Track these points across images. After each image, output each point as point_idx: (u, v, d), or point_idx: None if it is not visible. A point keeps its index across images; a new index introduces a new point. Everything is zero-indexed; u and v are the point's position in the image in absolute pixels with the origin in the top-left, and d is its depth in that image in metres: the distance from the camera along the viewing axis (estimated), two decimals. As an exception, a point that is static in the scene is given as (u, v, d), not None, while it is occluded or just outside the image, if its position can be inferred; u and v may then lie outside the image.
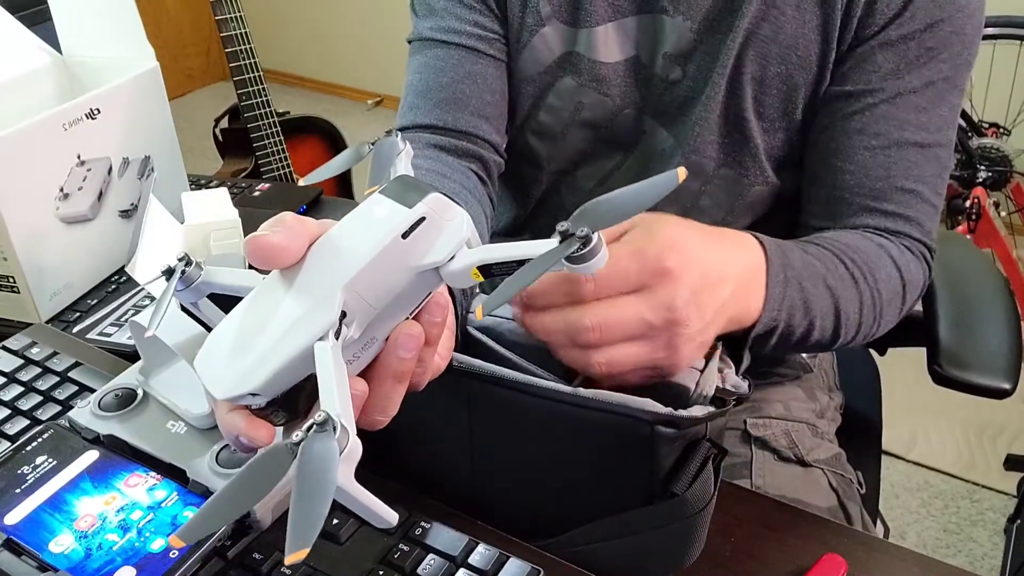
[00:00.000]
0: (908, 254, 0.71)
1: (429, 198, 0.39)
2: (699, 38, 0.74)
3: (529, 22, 0.77)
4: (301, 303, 0.38)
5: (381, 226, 0.38)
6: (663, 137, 0.78)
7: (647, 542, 0.51)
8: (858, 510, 0.78)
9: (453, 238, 0.39)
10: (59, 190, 0.83)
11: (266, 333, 0.38)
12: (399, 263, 0.39)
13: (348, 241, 0.39)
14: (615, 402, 0.49)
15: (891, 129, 0.71)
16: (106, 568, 0.45)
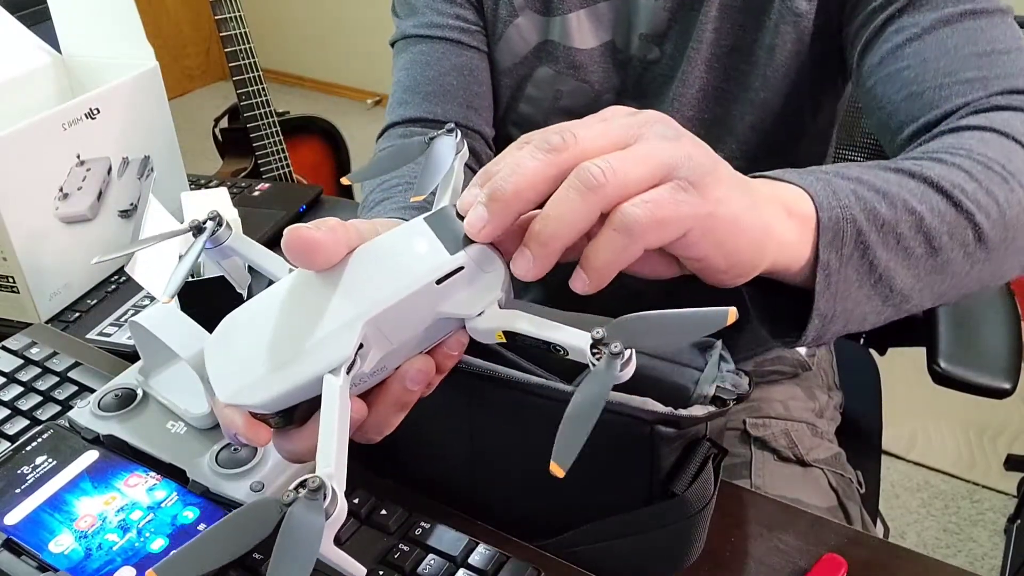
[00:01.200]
0: (1012, 112, 0.58)
1: (472, 250, 0.38)
2: (673, 16, 0.74)
3: (503, 14, 0.78)
4: (322, 325, 0.37)
5: (418, 266, 0.37)
6: None
7: (647, 542, 0.51)
8: (858, 510, 0.78)
9: (487, 295, 0.38)
10: (59, 190, 0.83)
11: (280, 347, 0.37)
12: (426, 306, 0.38)
13: (382, 269, 0.38)
14: (615, 401, 0.49)
15: (929, 13, 0.62)
16: (106, 568, 0.45)
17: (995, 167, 0.52)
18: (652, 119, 0.40)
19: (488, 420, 0.54)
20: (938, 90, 0.60)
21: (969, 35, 0.61)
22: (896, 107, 0.62)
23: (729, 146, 0.77)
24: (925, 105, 0.60)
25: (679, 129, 0.40)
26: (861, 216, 0.46)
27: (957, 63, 0.60)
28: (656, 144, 0.38)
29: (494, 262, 0.38)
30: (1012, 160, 0.53)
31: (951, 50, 0.61)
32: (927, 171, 0.50)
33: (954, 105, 0.59)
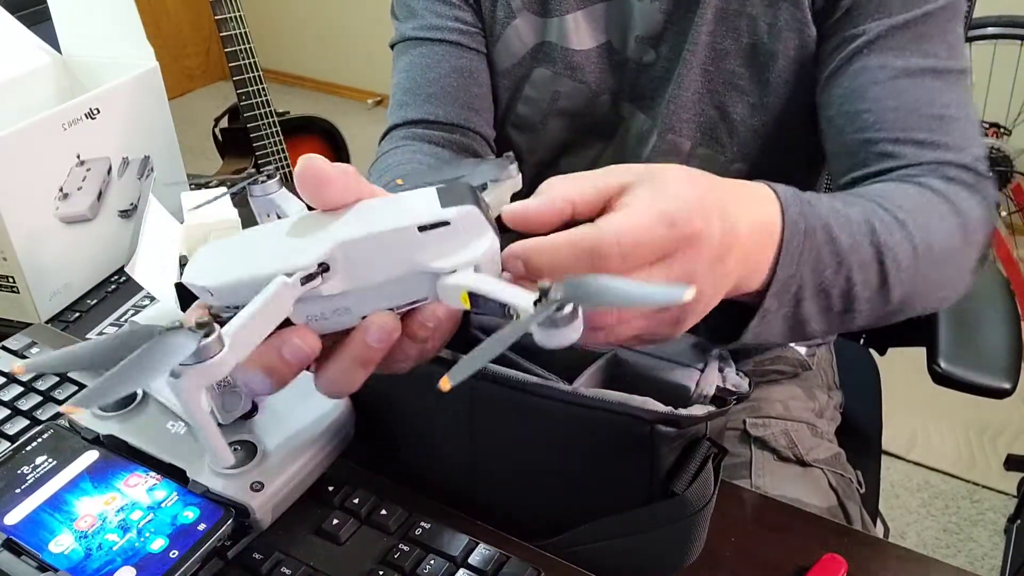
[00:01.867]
0: (954, 185, 0.63)
1: (464, 208, 0.38)
2: (668, 18, 0.74)
3: (500, 15, 0.78)
4: (298, 241, 0.38)
5: (407, 211, 0.39)
6: (640, 120, 0.79)
7: (647, 542, 0.51)
8: (858, 510, 0.78)
9: (465, 255, 0.39)
10: (59, 190, 0.83)
11: (254, 253, 0.39)
12: (403, 252, 0.38)
13: (374, 210, 0.39)
14: (615, 401, 0.49)
15: (893, 59, 0.67)
16: (106, 568, 0.45)
17: (933, 242, 0.58)
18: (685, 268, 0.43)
19: (488, 420, 0.54)
20: (893, 144, 0.65)
21: (927, 94, 0.66)
22: (853, 148, 0.68)
23: (730, 148, 0.77)
24: (880, 156, 0.65)
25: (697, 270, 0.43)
26: (808, 278, 0.51)
27: (913, 120, 0.65)
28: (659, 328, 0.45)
29: (483, 230, 0.39)
30: (942, 233, 0.59)
31: (910, 105, 0.65)
32: (885, 237, 0.55)
33: (906, 162, 0.64)
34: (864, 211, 0.55)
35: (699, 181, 0.45)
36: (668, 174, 0.44)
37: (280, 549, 0.49)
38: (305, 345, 0.39)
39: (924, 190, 0.61)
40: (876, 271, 0.54)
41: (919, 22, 0.67)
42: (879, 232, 0.55)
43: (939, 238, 0.58)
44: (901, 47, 0.67)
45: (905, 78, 0.66)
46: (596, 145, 0.82)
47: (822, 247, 0.51)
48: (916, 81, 0.66)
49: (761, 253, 0.49)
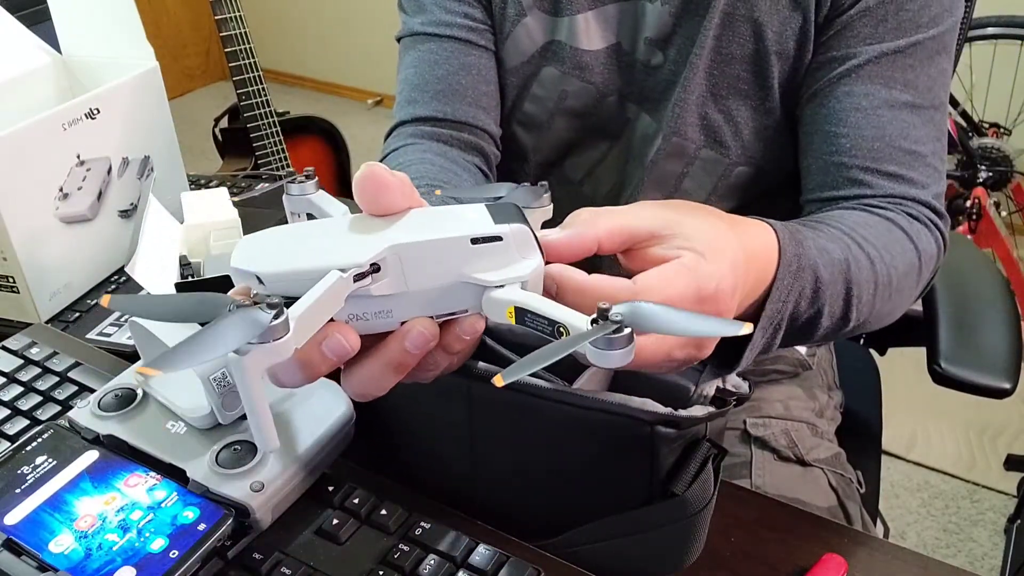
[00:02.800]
0: (916, 224, 0.68)
1: (516, 227, 0.40)
2: (677, 21, 0.74)
3: (511, 12, 0.78)
4: (351, 239, 0.40)
5: (461, 223, 0.40)
6: (646, 122, 0.79)
7: (647, 542, 0.51)
8: (858, 509, 0.78)
9: (513, 271, 0.40)
10: (59, 190, 0.83)
11: (307, 244, 0.40)
12: (453, 261, 0.40)
13: (429, 218, 0.41)
14: (615, 402, 0.49)
15: (879, 89, 0.69)
16: (106, 568, 0.45)
17: (893, 276, 0.62)
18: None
19: (488, 421, 0.54)
20: (865, 172, 0.69)
21: (903, 127, 0.69)
22: (827, 169, 0.71)
23: (734, 152, 0.77)
24: (851, 182, 0.69)
25: None
26: (789, 312, 0.54)
27: (887, 152, 0.68)
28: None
29: (532, 250, 0.40)
30: (902, 269, 0.64)
31: (886, 136, 0.68)
32: (856, 274, 0.59)
33: (873, 192, 0.68)
34: (842, 248, 0.59)
35: (724, 237, 0.47)
36: (696, 227, 0.46)
37: (280, 549, 0.49)
38: (346, 342, 0.39)
39: (892, 226, 0.65)
40: (842, 305, 0.59)
41: (908, 51, 0.69)
42: (852, 270, 0.58)
43: (898, 274, 0.63)
44: (887, 76, 0.69)
45: (886, 109, 0.69)
46: (601, 145, 0.82)
47: (807, 286, 0.55)
48: (895, 113, 0.69)
49: (757, 291, 0.52)
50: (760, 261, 0.52)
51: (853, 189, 0.69)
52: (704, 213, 0.48)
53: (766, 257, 0.52)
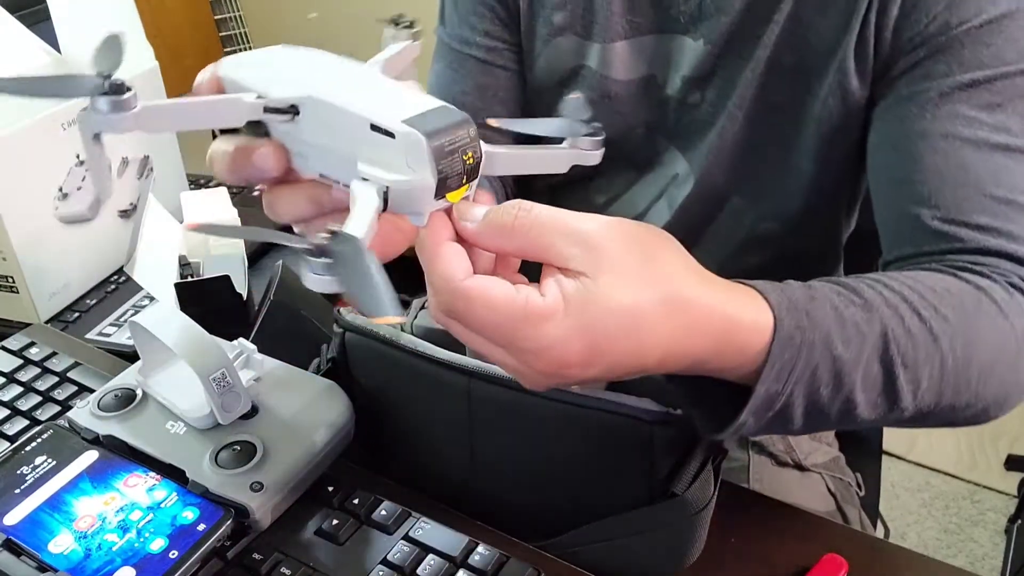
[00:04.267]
0: (1018, 295, 0.54)
1: (412, 134, 0.37)
2: (719, 62, 0.70)
3: (542, 32, 0.76)
4: (298, 76, 0.42)
5: (383, 105, 0.39)
6: (679, 161, 0.77)
7: (647, 542, 0.51)
8: (856, 514, 0.78)
9: (385, 174, 0.38)
10: (58, 190, 0.83)
11: (278, 68, 0.44)
12: (352, 136, 0.39)
13: (368, 87, 0.42)
14: (615, 402, 0.49)
15: (960, 128, 0.58)
16: (105, 568, 0.45)
17: (973, 357, 0.50)
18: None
19: (487, 421, 0.53)
20: (949, 224, 0.57)
21: (995, 172, 0.57)
22: (904, 223, 0.60)
23: (764, 205, 0.74)
24: (933, 235, 0.58)
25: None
26: (800, 396, 0.46)
27: (976, 201, 0.57)
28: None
29: (422, 166, 0.38)
30: (989, 347, 0.51)
31: (973, 182, 0.57)
32: (905, 353, 0.48)
33: (961, 247, 0.56)
34: (883, 320, 0.48)
35: (646, 296, 0.39)
36: (606, 295, 0.39)
37: (280, 549, 0.49)
38: (271, 157, 0.43)
39: (982, 296, 0.52)
40: (884, 390, 0.48)
41: (992, 87, 0.59)
42: (895, 347, 0.48)
43: (984, 353, 0.51)
44: (969, 114, 0.59)
45: (971, 150, 0.58)
46: (628, 174, 0.80)
47: (820, 364, 0.45)
48: (983, 156, 0.58)
49: (731, 362, 0.44)
50: (726, 341, 0.43)
51: (936, 244, 0.57)
52: (641, 273, 0.40)
53: (743, 338, 0.43)
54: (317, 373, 0.59)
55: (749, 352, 0.44)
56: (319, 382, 0.56)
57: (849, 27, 0.64)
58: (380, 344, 0.55)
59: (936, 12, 0.60)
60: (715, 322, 0.42)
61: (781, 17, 0.66)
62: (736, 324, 0.43)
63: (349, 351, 0.58)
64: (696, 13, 0.69)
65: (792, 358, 0.44)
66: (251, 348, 0.57)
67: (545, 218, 0.40)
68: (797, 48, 0.67)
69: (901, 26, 0.62)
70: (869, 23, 0.63)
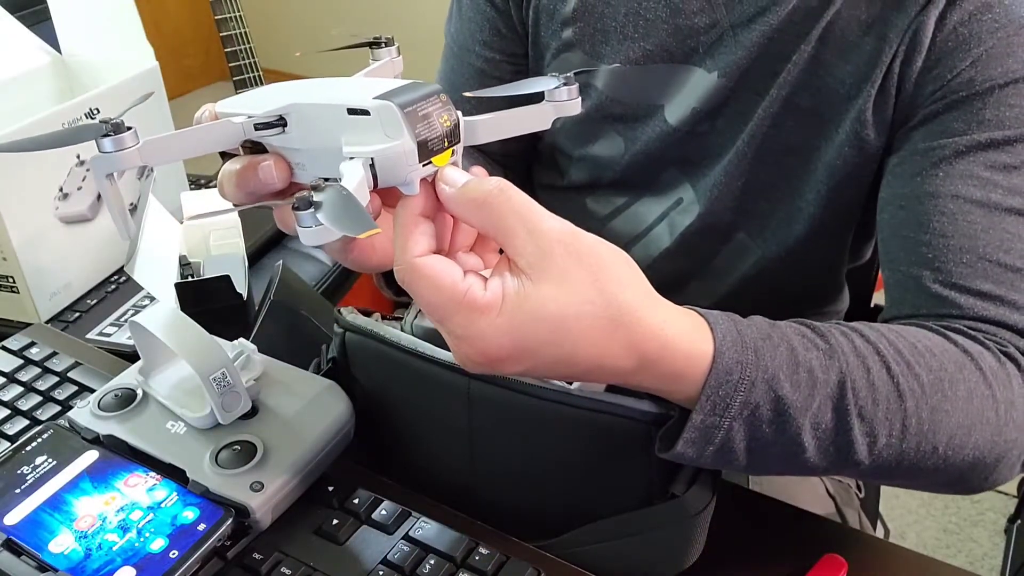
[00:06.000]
0: (1009, 366, 0.51)
1: (382, 104, 0.39)
2: (732, 95, 0.69)
3: (552, 44, 0.76)
4: (277, 95, 0.44)
5: (354, 92, 0.41)
6: (684, 187, 0.76)
7: (647, 543, 0.51)
8: (856, 516, 0.78)
9: (366, 147, 0.40)
10: (59, 190, 0.83)
11: (270, 92, 0.46)
12: (335, 128, 0.41)
13: (346, 87, 0.44)
14: (614, 402, 0.49)
15: (973, 190, 0.57)
16: (106, 568, 0.45)
17: (942, 421, 0.48)
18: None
19: (487, 421, 0.54)
20: (948, 288, 0.56)
21: (1003, 238, 0.56)
22: (904, 282, 0.59)
23: (770, 244, 0.73)
24: (933, 299, 0.56)
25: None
26: (740, 433, 0.44)
27: (980, 267, 0.55)
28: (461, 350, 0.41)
29: (398, 131, 0.39)
30: (967, 413, 0.49)
31: (980, 246, 0.55)
32: (863, 406, 0.46)
33: (962, 313, 0.55)
34: (845, 368, 0.46)
35: (561, 327, 0.39)
36: (540, 303, 0.39)
37: (280, 549, 0.49)
38: (274, 171, 0.45)
39: (967, 361, 0.50)
40: (835, 440, 0.46)
41: (1011, 148, 0.57)
42: (851, 397, 0.46)
43: (956, 419, 0.48)
44: (983, 175, 0.57)
45: (981, 213, 0.56)
46: (627, 194, 0.79)
47: (761, 403, 0.44)
48: (994, 219, 0.56)
49: (671, 386, 0.44)
50: (662, 364, 0.42)
51: (935, 308, 0.56)
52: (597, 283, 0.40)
53: (679, 365, 0.43)
54: (317, 373, 0.59)
55: (686, 381, 0.43)
56: (319, 382, 0.56)
57: (872, 76, 0.63)
58: (380, 344, 0.55)
59: (961, 68, 0.59)
60: (652, 347, 0.41)
61: (801, 58, 0.65)
62: (671, 352, 0.42)
63: (349, 351, 0.58)
64: (715, 44, 0.68)
65: (728, 394, 0.43)
66: (251, 348, 0.57)
67: (516, 204, 0.40)
68: (815, 90, 0.66)
69: (924, 79, 0.61)
70: (892, 73, 0.62)
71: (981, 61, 0.59)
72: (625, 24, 0.71)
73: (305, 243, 0.38)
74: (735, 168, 0.70)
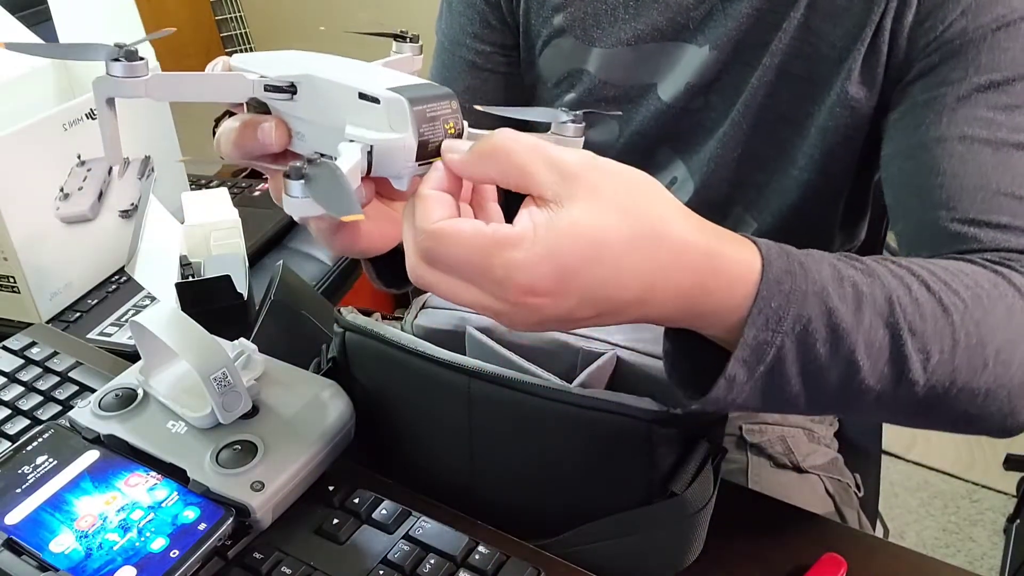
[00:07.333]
0: None
1: (396, 98, 0.39)
2: (725, 68, 0.69)
3: (542, 32, 0.76)
4: (300, 63, 0.45)
5: (368, 78, 0.42)
6: (676, 165, 0.76)
7: (647, 542, 0.51)
8: (855, 515, 0.77)
9: (370, 135, 0.40)
10: (59, 190, 0.83)
11: (281, 57, 0.47)
12: (343, 108, 0.42)
13: (360, 69, 0.44)
14: (614, 401, 0.49)
15: (978, 130, 0.57)
16: (106, 568, 0.45)
17: (987, 336, 0.47)
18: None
19: (487, 420, 0.54)
20: (969, 225, 0.55)
21: (1014, 171, 0.56)
22: (923, 230, 0.59)
23: (765, 216, 0.73)
24: (953, 238, 0.56)
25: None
26: (792, 351, 0.43)
27: (996, 201, 0.55)
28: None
29: (404, 126, 0.40)
30: (1007, 332, 0.48)
31: (993, 183, 0.56)
32: (911, 321, 0.45)
33: (981, 247, 0.55)
34: (889, 287, 0.46)
35: (617, 225, 0.38)
36: (574, 221, 0.38)
37: (280, 549, 0.49)
38: (272, 131, 0.45)
39: (999, 279, 0.50)
40: (891, 358, 0.45)
41: (1010, 88, 0.58)
42: (900, 313, 0.45)
43: (1001, 333, 0.48)
44: (986, 116, 0.58)
45: (990, 151, 0.57)
46: None
47: (814, 318, 0.43)
48: (1003, 156, 0.56)
49: (712, 308, 0.42)
50: (711, 275, 0.41)
51: (956, 245, 0.56)
52: (623, 208, 0.39)
53: (728, 273, 0.42)
54: (317, 373, 0.59)
55: (737, 293, 0.42)
56: (319, 382, 0.56)
57: (862, 36, 0.63)
58: (380, 344, 0.55)
59: (952, 18, 0.59)
60: (697, 256, 0.40)
61: (791, 25, 0.65)
62: (720, 257, 0.41)
63: (349, 351, 0.58)
64: (706, 19, 0.68)
65: (781, 306, 0.42)
66: (251, 348, 0.57)
67: (528, 142, 0.39)
68: (807, 56, 0.66)
69: (916, 33, 0.61)
70: (883, 30, 0.62)
71: (971, 10, 0.59)
72: (615, 6, 0.72)
73: (288, 212, 0.38)
74: (731, 140, 0.71)
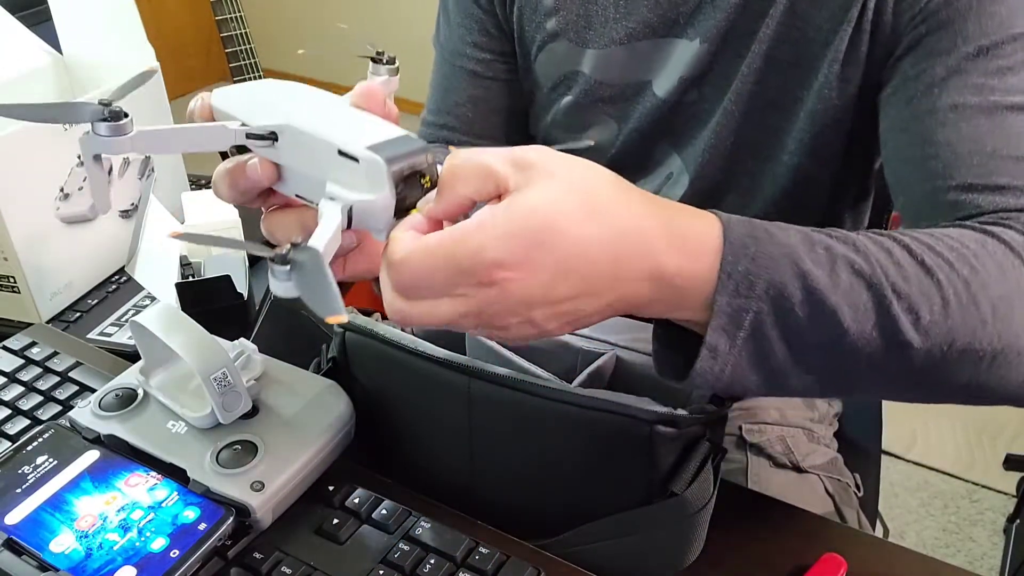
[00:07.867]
0: None
1: (373, 158, 0.40)
2: (715, 59, 0.70)
3: (537, 37, 0.77)
4: (277, 107, 0.46)
5: (351, 133, 0.42)
6: (672, 160, 0.77)
7: (647, 542, 0.51)
8: (855, 515, 0.77)
9: (348, 194, 0.41)
10: (59, 190, 0.83)
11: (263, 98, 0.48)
12: (322, 162, 0.43)
13: (340, 117, 0.45)
14: (614, 401, 0.49)
15: (970, 97, 0.57)
16: (106, 568, 0.45)
17: (978, 293, 0.46)
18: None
19: (487, 420, 0.54)
20: (967, 192, 0.55)
21: (1008, 135, 0.56)
22: (922, 201, 0.58)
23: (759, 206, 0.74)
24: (952, 206, 0.55)
25: None
26: (771, 314, 0.43)
27: (992, 164, 0.55)
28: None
29: (380, 187, 0.41)
30: (1002, 289, 0.47)
31: (989, 147, 0.55)
32: (893, 281, 0.44)
33: (980, 210, 0.54)
34: (867, 251, 0.45)
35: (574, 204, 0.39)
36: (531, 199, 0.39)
37: (280, 549, 0.49)
38: (260, 171, 0.46)
39: (987, 239, 0.49)
40: (878, 321, 0.44)
41: (1000, 51, 0.57)
42: (882, 274, 0.44)
43: (994, 290, 0.47)
44: (978, 82, 0.57)
45: (983, 117, 0.56)
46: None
47: (787, 282, 0.42)
48: (997, 119, 0.56)
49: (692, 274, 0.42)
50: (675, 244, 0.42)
51: (955, 213, 0.55)
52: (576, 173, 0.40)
53: (691, 240, 0.42)
54: (317, 373, 0.59)
55: (704, 263, 0.42)
56: (319, 382, 0.56)
57: (847, 17, 0.64)
58: (380, 344, 0.55)
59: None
60: (657, 224, 0.41)
61: (777, 11, 0.66)
62: (680, 226, 0.42)
63: (349, 351, 0.58)
64: (695, 13, 0.69)
65: (750, 270, 0.42)
66: (251, 348, 0.57)
67: (476, 150, 0.42)
68: (794, 42, 0.67)
69: (901, 7, 0.62)
70: (868, 9, 0.63)
71: None
72: (607, 6, 0.72)
73: (273, 292, 0.39)
74: (724, 129, 0.71)
